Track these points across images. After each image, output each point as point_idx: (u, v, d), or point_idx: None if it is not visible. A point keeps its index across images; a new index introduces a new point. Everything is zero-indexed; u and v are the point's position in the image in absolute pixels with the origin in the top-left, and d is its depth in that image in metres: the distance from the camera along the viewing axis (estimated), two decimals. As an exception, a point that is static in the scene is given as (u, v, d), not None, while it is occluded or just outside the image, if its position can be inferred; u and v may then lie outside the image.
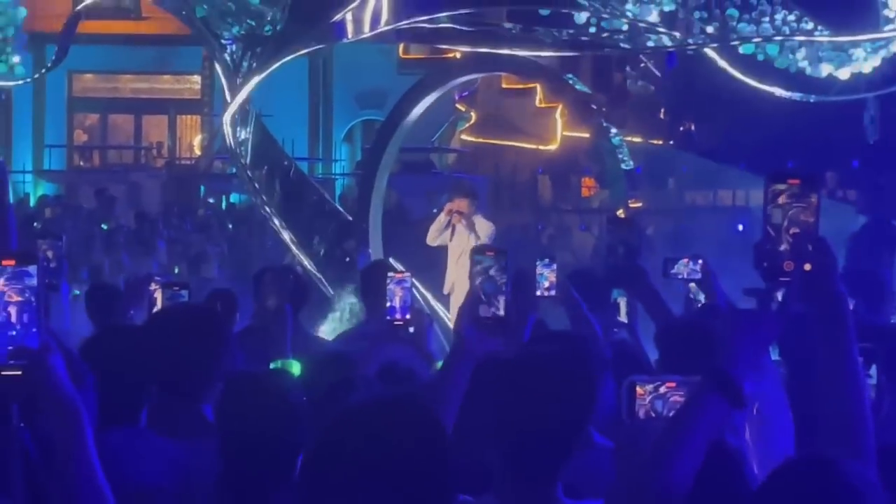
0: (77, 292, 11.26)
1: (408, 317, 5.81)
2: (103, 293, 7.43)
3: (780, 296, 3.09)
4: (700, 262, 5.94)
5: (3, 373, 2.72)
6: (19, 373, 2.72)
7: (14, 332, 2.73)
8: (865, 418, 3.12)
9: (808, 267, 3.03)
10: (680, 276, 6.04)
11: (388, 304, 5.79)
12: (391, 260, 13.62)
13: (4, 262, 2.74)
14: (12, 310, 2.73)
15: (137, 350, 4.19)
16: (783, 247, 3.03)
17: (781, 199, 3.04)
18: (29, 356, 2.74)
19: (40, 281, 2.75)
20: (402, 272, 5.79)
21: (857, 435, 3.10)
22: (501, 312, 3.72)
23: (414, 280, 6.78)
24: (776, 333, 3.08)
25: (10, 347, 2.73)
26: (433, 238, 13.81)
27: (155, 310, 6.57)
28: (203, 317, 4.62)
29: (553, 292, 5.81)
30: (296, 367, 5.31)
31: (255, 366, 5.29)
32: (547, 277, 6.00)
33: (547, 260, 6.22)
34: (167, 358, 4.28)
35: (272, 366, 5.33)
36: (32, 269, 2.75)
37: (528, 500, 3.38)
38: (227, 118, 13.97)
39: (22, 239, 6.64)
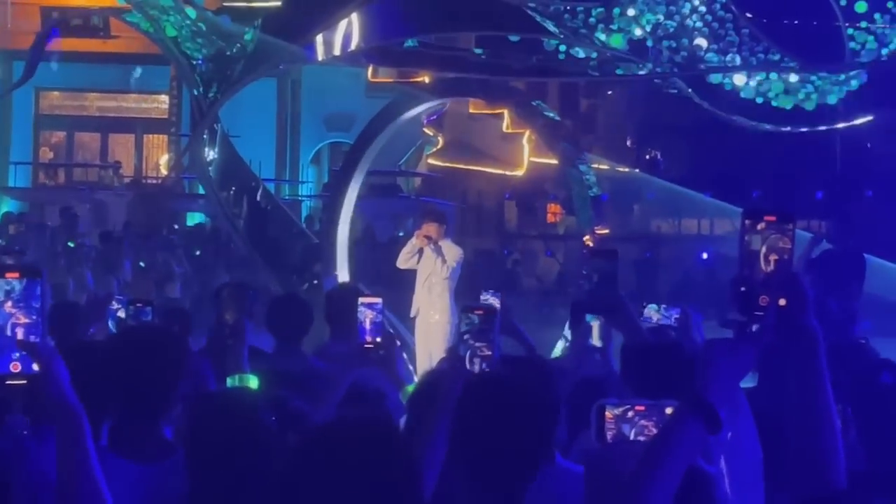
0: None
1: (378, 340, 5.82)
2: (62, 311, 7.39)
3: (755, 328, 3.15)
4: (678, 311, 5.96)
5: (8, 382, 2.77)
6: (24, 382, 2.77)
7: (18, 343, 2.78)
8: (837, 451, 3.18)
9: (782, 302, 3.09)
10: (649, 321, 6.06)
11: (360, 326, 5.80)
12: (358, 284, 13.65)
13: (9, 275, 2.80)
14: (16, 321, 2.77)
15: (98, 369, 4.17)
16: (758, 281, 3.08)
17: (756, 235, 3.09)
18: (33, 366, 2.78)
19: (43, 293, 2.81)
20: (373, 295, 5.80)
21: (828, 467, 3.16)
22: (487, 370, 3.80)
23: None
24: (751, 364, 3.13)
25: (15, 357, 2.77)
26: (403, 261, 13.83)
27: (115, 328, 6.55)
28: (162, 337, 4.60)
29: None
30: (253, 382, 5.30)
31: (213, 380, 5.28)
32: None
33: (492, 290, 6.29)
34: (126, 378, 4.25)
35: (229, 380, 5.31)
36: (36, 282, 2.81)
37: None
38: (195, 138, 13.97)
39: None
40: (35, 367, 2.78)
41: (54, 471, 2.84)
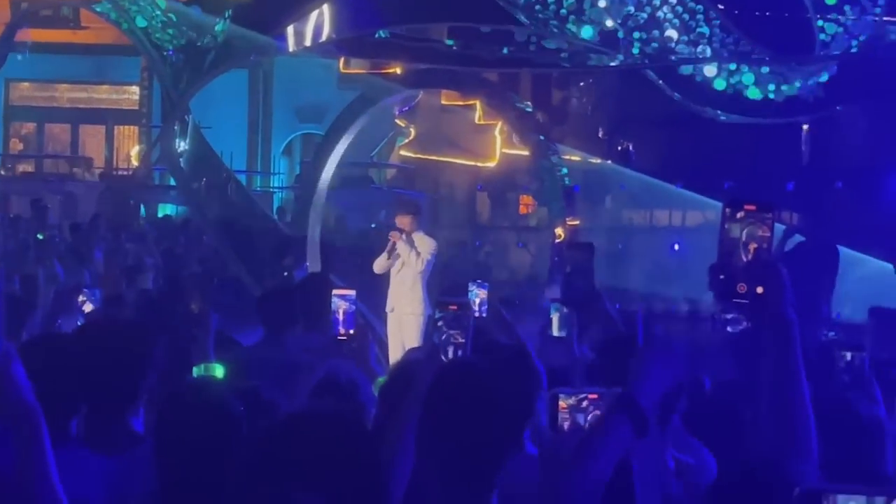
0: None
1: (352, 332, 5.85)
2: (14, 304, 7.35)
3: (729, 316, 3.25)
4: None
5: None
6: None
7: None
8: (809, 426, 3.27)
9: (760, 290, 3.12)
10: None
11: (333, 318, 5.83)
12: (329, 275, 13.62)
13: None
14: None
15: (64, 361, 4.13)
16: (737, 269, 3.11)
17: (737, 225, 3.13)
18: None
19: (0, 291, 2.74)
20: (346, 288, 5.84)
21: (801, 440, 3.25)
22: None
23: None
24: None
25: None
26: (379, 267, 13.77)
27: (82, 321, 6.51)
28: (129, 330, 4.58)
29: (485, 312, 5.91)
30: (219, 371, 5.30)
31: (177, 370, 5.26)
32: (478, 295, 6.09)
33: (479, 280, 6.30)
34: (93, 371, 4.23)
35: (195, 370, 5.30)
36: None
37: None
38: (166, 129, 13.93)
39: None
40: None
41: (9, 470, 2.81)
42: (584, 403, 3.20)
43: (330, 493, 2.66)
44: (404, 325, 13.48)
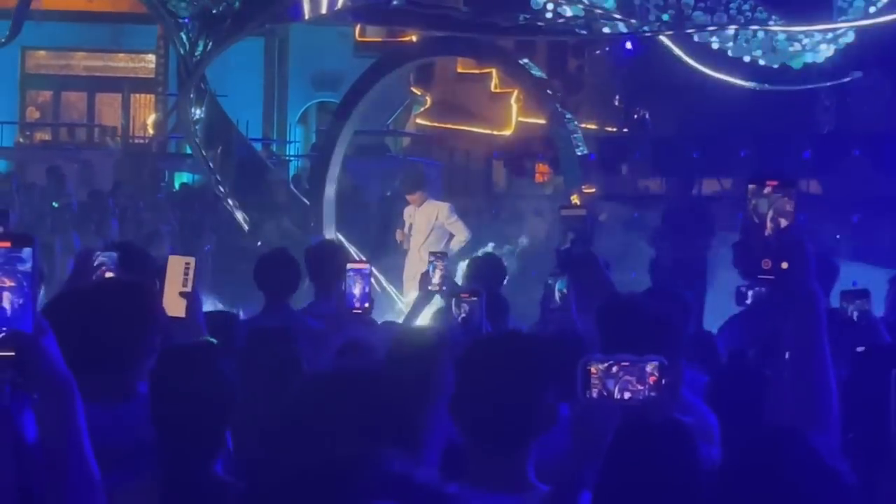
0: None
1: (367, 305, 5.88)
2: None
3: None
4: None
5: None
6: (12, 354, 2.71)
7: (7, 315, 2.72)
8: (831, 398, 3.31)
9: (784, 265, 3.14)
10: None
11: (348, 292, 5.85)
12: (343, 241, 13.63)
13: (0, 244, 2.72)
14: (5, 292, 2.71)
15: (70, 319, 4.15)
16: (762, 244, 3.14)
17: (761, 200, 3.14)
18: (22, 338, 2.72)
19: (34, 264, 2.74)
20: (362, 261, 5.87)
21: (822, 412, 3.29)
22: None
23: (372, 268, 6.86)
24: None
25: (3, 329, 2.71)
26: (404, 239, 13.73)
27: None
28: (133, 289, 4.59)
29: (444, 287, 5.98)
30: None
31: None
32: (437, 268, 6.11)
33: (438, 252, 6.34)
34: (97, 329, 4.26)
35: None
36: (27, 251, 2.73)
37: (497, 480, 3.45)
38: (182, 98, 13.92)
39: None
40: (25, 339, 2.72)
41: (44, 442, 2.83)
42: (615, 369, 3.21)
43: (374, 445, 2.69)
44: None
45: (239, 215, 14.66)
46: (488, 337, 3.82)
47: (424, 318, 6.66)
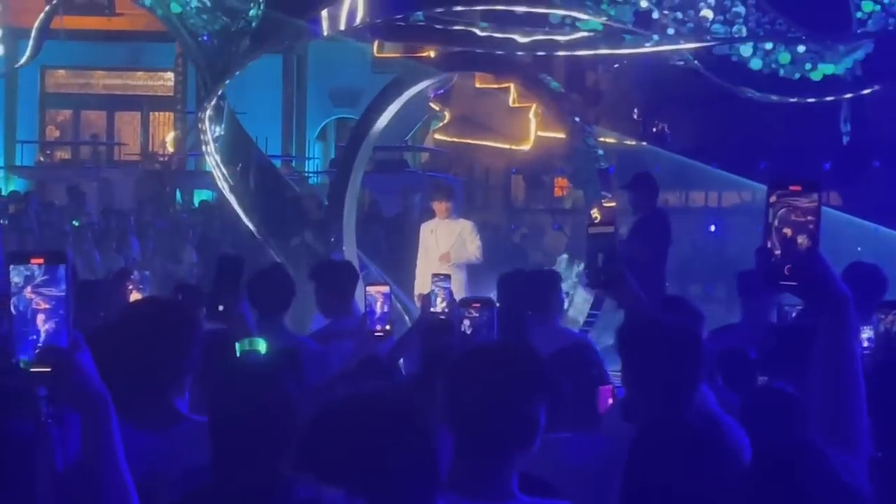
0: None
1: (388, 328, 5.89)
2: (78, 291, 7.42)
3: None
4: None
5: (33, 370, 2.75)
6: (48, 369, 2.74)
7: (42, 331, 2.75)
8: (861, 412, 3.21)
9: (807, 272, 3.10)
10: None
11: (370, 313, 5.86)
12: (366, 260, 13.62)
13: (34, 261, 2.76)
14: (41, 309, 2.74)
15: (110, 342, 4.16)
16: (784, 252, 3.06)
17: (783, 205, 3.07)
18: (58, 354, 2.75)
19: (68, 280, 2.77)
20: (384, 283, 5.89)
21: (851, 428, 3.18)
22: None
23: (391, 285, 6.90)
24: None
25: (40, 345, 2.75)
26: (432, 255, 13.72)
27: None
28: (172, 309, 4.61)
29: (446, 309, 6.00)
30: (262, 346, 5.32)
31: None
32: (438, 295, 6.09)
33: (442, 275, 6.37)
34: (138, 350, 4.27)
35: (238, 346, 5.32)
36: (62, 268, 2.77)
37: (479, 490, 3.44)
38: (201, 115, 13.94)
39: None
40: (61, 355, 2.75)
41: (80, 457, 2.83)
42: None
43: (384, 473, 2.68)
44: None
45: (258, 233, 14.66)
46: (478, 347, 3.80)
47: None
